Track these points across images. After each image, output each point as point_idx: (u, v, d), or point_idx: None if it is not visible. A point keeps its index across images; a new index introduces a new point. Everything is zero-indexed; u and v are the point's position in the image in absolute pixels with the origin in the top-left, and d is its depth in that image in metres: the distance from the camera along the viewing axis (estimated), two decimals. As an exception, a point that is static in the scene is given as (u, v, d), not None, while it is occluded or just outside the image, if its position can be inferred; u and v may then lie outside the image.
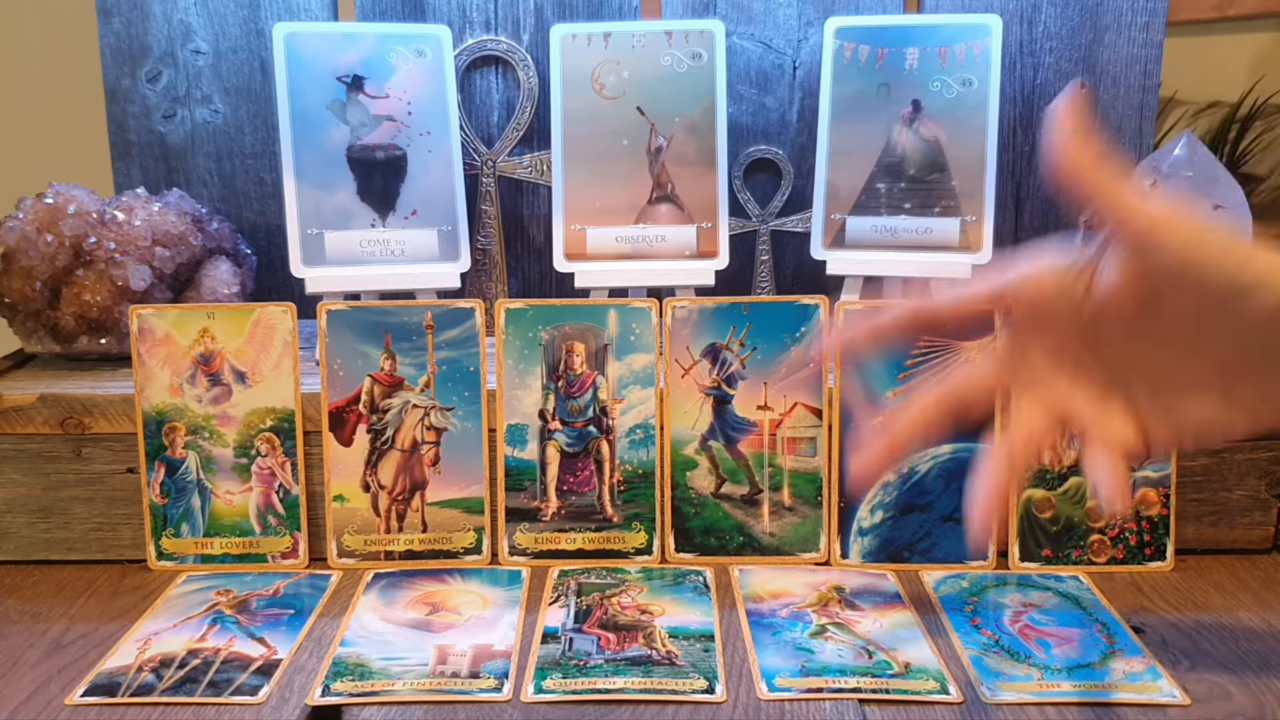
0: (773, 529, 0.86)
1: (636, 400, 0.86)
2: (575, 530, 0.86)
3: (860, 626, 0.76)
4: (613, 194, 0.98)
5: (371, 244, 0.96)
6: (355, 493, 0.86)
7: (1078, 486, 0.85)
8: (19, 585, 0.84)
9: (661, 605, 0.79)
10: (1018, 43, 1.05)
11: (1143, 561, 0.85)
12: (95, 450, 0.87)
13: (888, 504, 0.85)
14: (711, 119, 0.98)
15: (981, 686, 0.69)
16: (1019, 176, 1.09)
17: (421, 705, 0.67)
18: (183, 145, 1.08)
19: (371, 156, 0.97)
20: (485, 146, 1.07)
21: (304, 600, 0.81)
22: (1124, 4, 1.04)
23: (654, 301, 0.86)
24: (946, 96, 0.96)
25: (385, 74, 0.97)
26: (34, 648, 0.75)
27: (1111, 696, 0.68)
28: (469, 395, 0.86)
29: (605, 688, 0.69)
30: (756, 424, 0.86)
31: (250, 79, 1.07)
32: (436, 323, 0.86)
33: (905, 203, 0.98)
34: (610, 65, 0.98)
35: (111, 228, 0.93)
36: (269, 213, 1.09)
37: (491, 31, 1.06)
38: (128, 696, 0.69)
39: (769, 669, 0.71)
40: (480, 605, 0.80)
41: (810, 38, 1.06)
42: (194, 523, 0.86)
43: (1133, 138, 1.07)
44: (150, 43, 1.06)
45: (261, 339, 0.86)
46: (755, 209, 1.08)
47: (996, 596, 0.81)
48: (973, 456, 0.85)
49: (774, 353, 0.86)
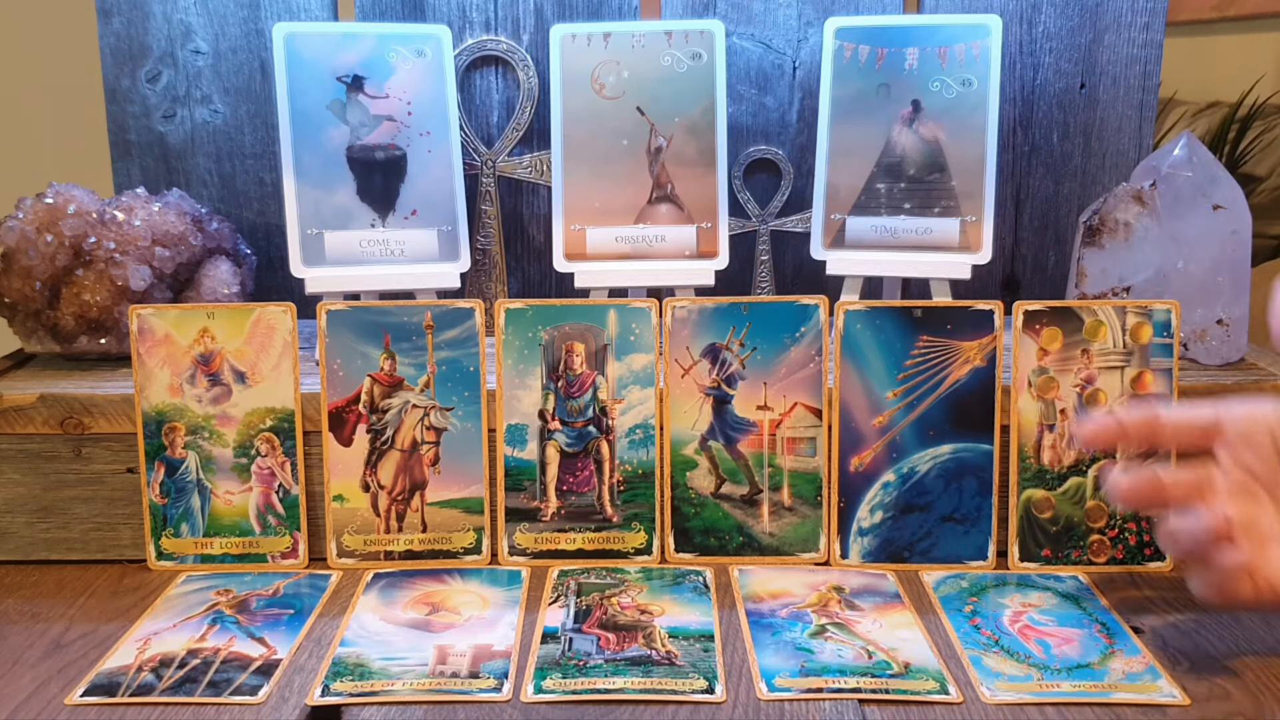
0: (772, 529, 0.86)
1: (636, 400, 0.86)
2: (575, 530, 0.86)
3: (860, 626, 0.76)
4: (612, 194, 0.98)
5: (371, 244, 0.96)
6: (355, 493, 0.86)
7: (1077, 487, 0.85)
8: (19, 585, 0.84)
9: (661, 605, 0.79)
10: (1018, 43, 1.05)
11: (1142, 561, 0.85)
12: (95, 450, 0.87)
13: (887, 504, 0.85)
14: (711, 119, 0.98)
15: (981, 686, 0.69)
16: (1019, 177, 1.09)
17: (421, 705, 0.67)
18: (183, 145, 1.08)
19: (371, 156, 0.97)
20: (485, 146, 1.07)
21: (304, 600, 0.81)
22: (1124, 4, 1.04)
23: (654, 301, 0.86)
24: (946, 96, 0.96)
25: (385, 74, 0.97)
26: (34, 648, 0.75)
27: (1111, 696, 0.68)
28: (469, 395, 0.86)
29: (605, 688, 0.69)
30: (756, 424, 0.86)
31: (250, 79, 1.07)
32: (436, 323, 0.86)
33: (905, 203, 0.98)
34: (610, 65, 0.98)
35: (111, 228, 0.93)
36: (269, 213, 1.09)
37: (491, 31, 1.06)
38: (127, 696, 0.69)
39: (769, 669, 0.71)
40: (480, 605, 0.80)
41: (810, 38, 1.06)
42: (194, 523, 0.86)
43: (1133, 138, 1.07)
44: (150, 43, 1.06)
45: (261, 339, 0.86)
46: (755, 209, 1.08)
47: (996, 596, 0.81)
48: (973, 457, 0.85)
49: (774, 353, 0.86)
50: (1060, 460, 0.85)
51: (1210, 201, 0.92)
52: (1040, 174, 1.08)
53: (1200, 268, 0.92)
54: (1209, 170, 0.92)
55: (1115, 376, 0.85)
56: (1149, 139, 1.07)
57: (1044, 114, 1.07)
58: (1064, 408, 0.85)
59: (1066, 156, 1.08)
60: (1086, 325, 0.85)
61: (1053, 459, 0.85)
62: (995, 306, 0.85)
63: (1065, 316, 0.85)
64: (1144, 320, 0.85)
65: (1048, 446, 0.85)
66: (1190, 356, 0.92)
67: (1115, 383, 0.85)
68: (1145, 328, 0.84)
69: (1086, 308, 0.85)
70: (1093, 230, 0.95)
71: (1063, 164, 1.08)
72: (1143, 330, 0.84)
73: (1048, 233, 1.10)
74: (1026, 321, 0.85)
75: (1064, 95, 1.07)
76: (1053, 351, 0.85)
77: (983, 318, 0.85)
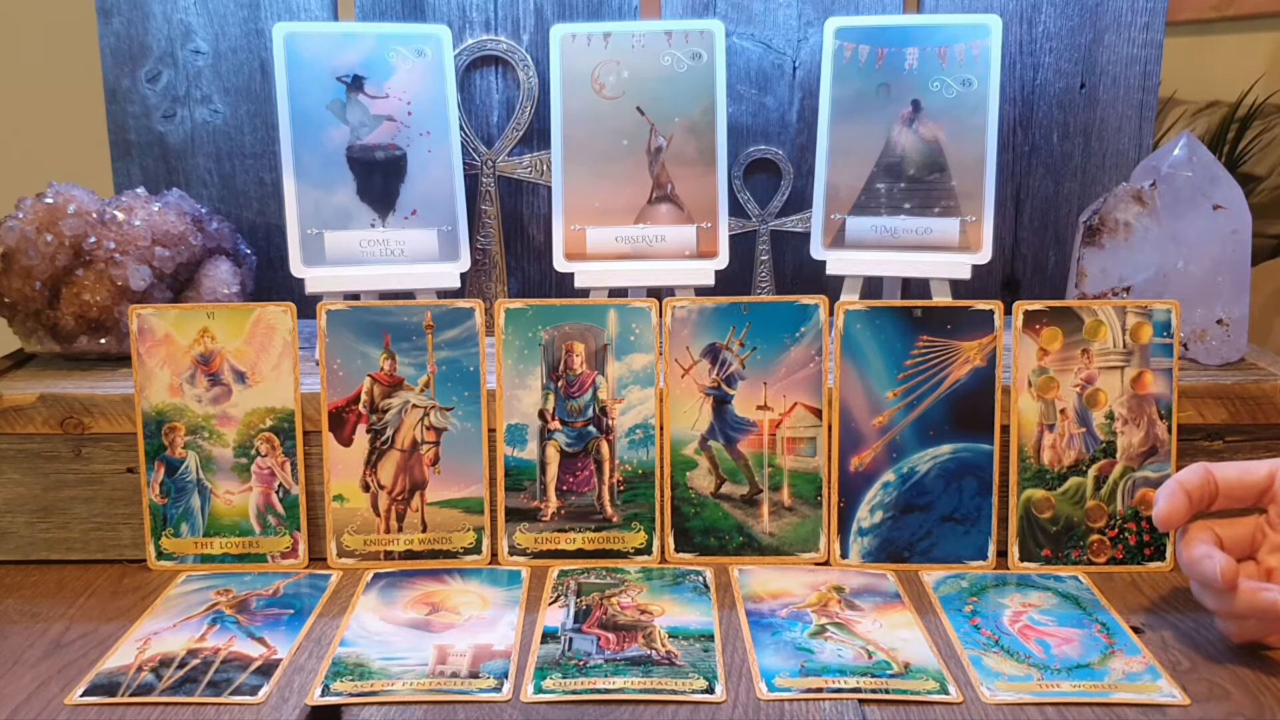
0: (772, 529, 0.86)
1: (636, 400, 0.86)
2: (575, 530, 0.86)
3: (860, 626, 0.76)
4: (612, 194, 0.98)
5: (371, 244, 0.96)
6: (355, 493, 0.86)
7: (1077, 487, 0.85)
8: (19, 585, 0.84)
9: (661, 605, 0.79)
10: (1017, 43, 1.05)
11: (1142, 561, 0.85)
12: (95, 450, 0.87)
13: (887, 504, 0.85)
14: (711, 119, 0.98)
15: (981, 686, 0.69)
16: (1019, 177, 1.09)
17: (421, 705, 0.67)
18: (183, 145, 1.08)
19: (371, 156, 0.97)
20: (485, 146, 1.07)
21: (304, 600, 0.81)
22: (1124, 4, 1.04)
23: (654, 301, 0.86)
24: (946, 96, 0.96)
25: (385, 74, 0.97)
26: (34, 648, 0.75)
27: (1111, 696, 0.68)
28: (469, 395, 0.86)
29: (605, 688, 0.69)
30: (756, 424, 0.86)
31: (250, 79, 1.07)
32: (436, 323, 0.86)
33: (905, 203, 0.98)
34: (610, 65, 0.98)
35: (111, 228, 0.93)
36: (269, 213, 1.09)
37: (491, 31, 1.06)
38: (127, 696, 0.69)
39: (769, 669, 0.71)
40: (480, 605, 0.80)
41: (810, 38, 1.06)
42: (194, 523, 0.86)
43: (1133, 138, 1.07)
44: (150, 43, 1.06)
45: (261, 339, 0.86)
46: (755, 209, 1.08)
47: (996, 596, 0.81)
48: (973, 457, 0.85)
49: (774, 353, 0.86)
50: (1060, 460, 0.85)
51: (1210, 201, 0.92)
52: (1040, 174, 1.08)
53: (1200, 268, 0.92)
54: (1209, 170, 0.92)
55: (1115, 376, 0.85)
56: (1149, 139, 1.07)
57: (1044, 114, 1.07)
58: (1064, 408, 0.85)
59: (1066, 156, 1.08)
60: (1086, 325, 0.85)
61: (1053, 459, 0.85)
62: (995, 306, 0.85)
63: (1065, 316, 0.85)
64: (1144, 320, 0.85)
65: (1048, 446, 0.85)
66: (1190, 356, 0.92)
67: (1115, 383, 0.85)
68: (1145, 328, 0.85)
69: (1086, 308, 0.85)
70: (1093, 230, 0.95)
71: (1063, 164, 1.08)
72: (1143, 330, 0.84)
73: (1048, 233, 1.10)
74: (1026, 321, 0.85)
75: (1064, 95, 1.07)
76: (1053, 351, 0.85)
77: (983, 318, 0.85)
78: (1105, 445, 0.85)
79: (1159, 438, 0.85)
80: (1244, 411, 0.87)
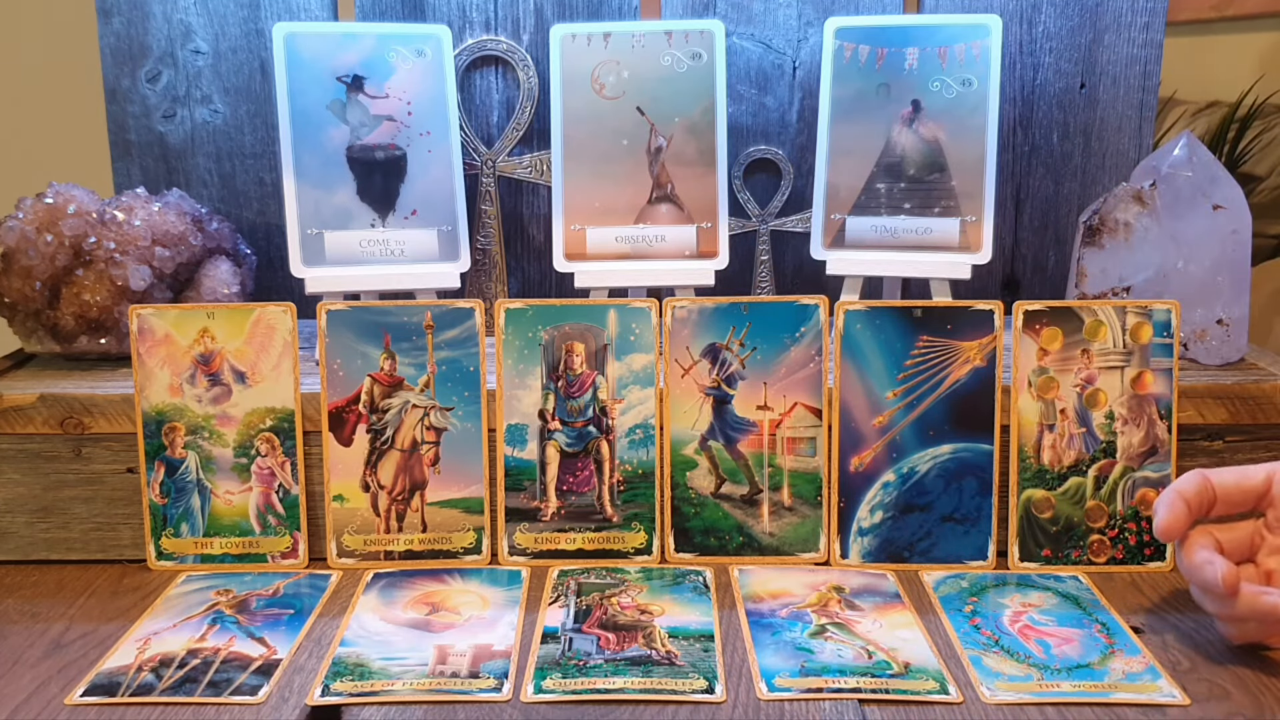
0: (772, 529, 0.86)
1: (636, 400, 0.86)
2: (575, 530, 0.86)
3: (860, 626, 0.76)
4: (612, 194, 0.98)
5: (371, 244, 0.96)
6: (355, 493, 0.86)
7: (1077, 487, 0.85)
8: (19, 585, 0.84)
9: (661, 605, 0.79)
10: (1017, 43, 1.05)
11: (1142, 561, 0.85)
12: (95, 450, 0.87)
13: (887, 504, 0.85)
14: (711, 119, 0.98)
15: (981, 686, 0.69)
16: (1019, 177, 1.09)
17: (421, 705, 0.67)
18: (183, 145, 1.08)
19: (371, 156, 0.97)
20: (485, 146, 1.07)
21: (304, 600, 0.81)
22: (1124, 4, 1.04)
23: (654, 301, 0.86)
24: (946, 96, 0.96)
25: (385, 74, 0.97)
26: (34, 648, 0.75)
27: (1111, 696, 0.68)
28: (469, 395, 0.86)
29: (605, 688, 0.69)
30: (756, 424, 0.86)
31: (250, 79, 1.07)
32: (436, 323, 0.86)
33: (905, 203, 0.98)
34: (610, 65, 0.98)
35: (111, 228, 0.93)
36: (269, 213, 1.09)
37: (491, 31, 1.06)
38: (127, 696, 0.69)
39: (769, 669, 0.71)
40: (480, 605, 0.80)
41: (810, 38, 1.06)
42: (194, 523, 0.86)
43: (1133, 138, 1.07)
44: (150, 43, 1.06)
45: (261, 339, 0.86)
46: (755, 209, 1.08)
47: (996, 596, 0.81)
48: (973, 457, 0.85)
49: (774, 353, 0.86)
50: (1060, 460, 0.85)
51: (1210, 201, 0.92)
52: (1040, 174, 1.08)
53: (1200, 268, 0.92)
54: (1209, 170, 0.92)
55: (1115, 376, 0.85)
56: (1149, 139, 1.07)
57: (1044, 114, 1.07)
58: (1064, 408, 0.85)
59: (1066, 156, 1.08)
60: (1086, 325, 0.85)
61: (1053, 459, 0.85)
62: (995, 306, 0.85)
63: (1065, 316, 0.85)
64: (1144, 320, 0.85)
65: (1048, 446, 0.85)
66: (1190, 356, 0.92)
67: (1115, 383, 0.85)
68: (1145, 327, 0.85)
69: (1086, 308, 0.85)
70: (1093, 230, 0.95)
71: (1063, 164, 1.08)
72: (1143, 330, 0.85)
73: (1048, 233, 1.10)
74: (1026, 321, 0.85)
75: (1064, 95, 1.07)
76: (1053, 351, 0.85)
77: (983, 318, 0.85)
78: (1105, 445, 0.85)
79: (1159, 438, 0.85)
80: (1244, 411, 0.87)
